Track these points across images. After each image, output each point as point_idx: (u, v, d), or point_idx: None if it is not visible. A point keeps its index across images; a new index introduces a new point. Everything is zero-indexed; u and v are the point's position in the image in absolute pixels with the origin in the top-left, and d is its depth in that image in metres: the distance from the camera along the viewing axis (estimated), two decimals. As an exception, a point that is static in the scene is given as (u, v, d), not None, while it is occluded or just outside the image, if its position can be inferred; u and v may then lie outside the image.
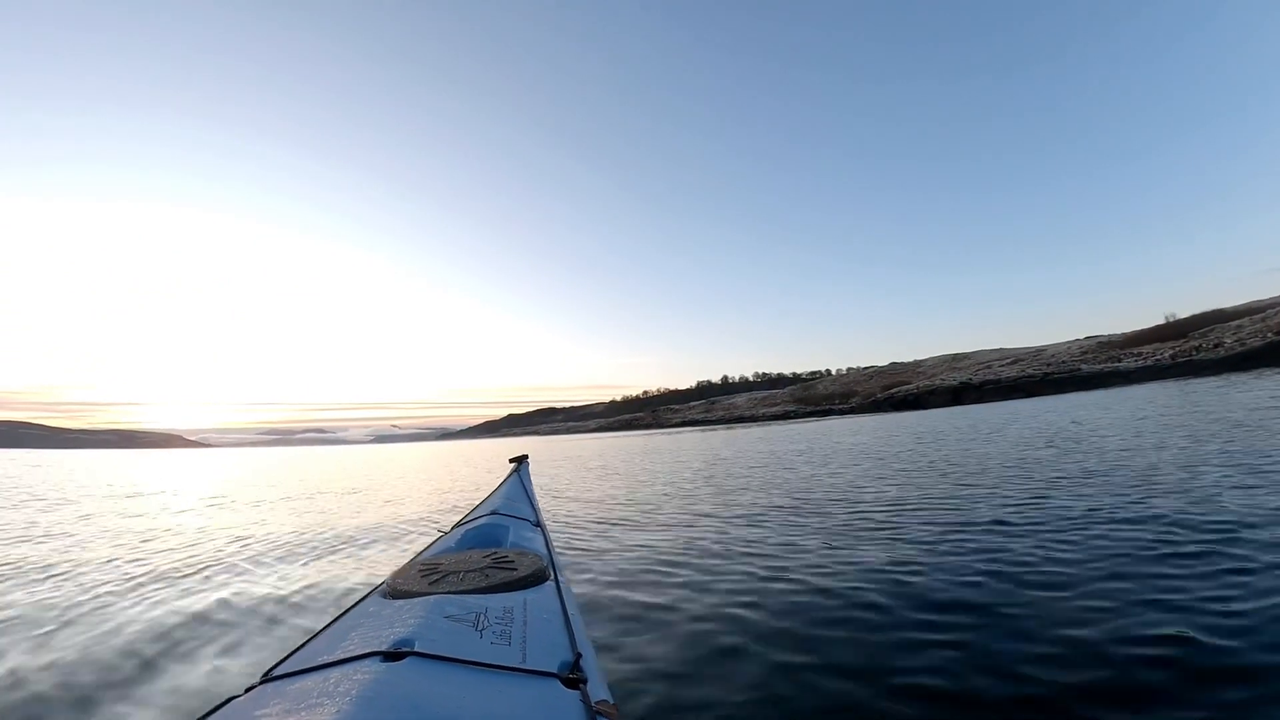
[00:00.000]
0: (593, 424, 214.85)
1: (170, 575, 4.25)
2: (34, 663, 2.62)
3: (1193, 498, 4.39)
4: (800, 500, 6.14)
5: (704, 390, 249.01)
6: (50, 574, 4.43)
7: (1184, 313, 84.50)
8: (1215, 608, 2.41)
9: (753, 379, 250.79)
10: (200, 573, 4.29)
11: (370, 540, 5.39)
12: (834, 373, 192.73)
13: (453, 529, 2.32)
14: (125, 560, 4.80)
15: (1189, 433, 8.88)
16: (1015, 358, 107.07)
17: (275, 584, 3.85)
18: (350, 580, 3.87)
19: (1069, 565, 3.11)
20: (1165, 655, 2.06)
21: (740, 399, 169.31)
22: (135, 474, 20.10)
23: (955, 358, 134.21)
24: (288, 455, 51.52)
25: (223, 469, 23.89)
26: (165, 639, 2.86)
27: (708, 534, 4.77)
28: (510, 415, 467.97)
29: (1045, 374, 78.00)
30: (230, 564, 4.58)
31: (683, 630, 2.64)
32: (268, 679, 1.03)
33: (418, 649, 1.02)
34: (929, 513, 4.84)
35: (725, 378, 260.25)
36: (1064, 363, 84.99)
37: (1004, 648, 2.23)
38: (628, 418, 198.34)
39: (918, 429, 19.33)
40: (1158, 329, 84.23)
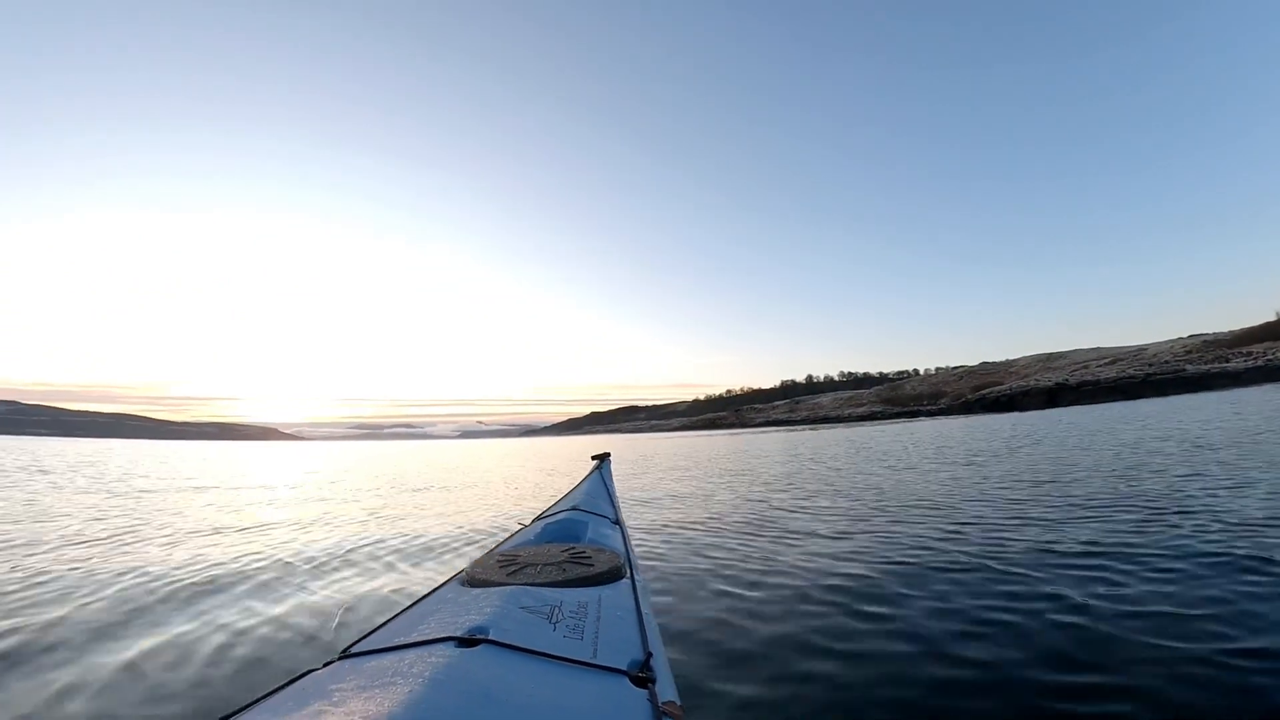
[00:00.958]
0: (675, 423, 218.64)
1: (264, 547, 4.69)
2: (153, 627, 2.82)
3: None
4: (907, 514, 5.38)
5: (788, 390, 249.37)
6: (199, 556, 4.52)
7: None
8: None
9: (837, 378, 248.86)
10: (294, 549, 4.58)
11: (452, 529, 5.56)
12: (921, 372, 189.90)
13: (533, 522, 2.34)
14: (230, 544, 5.00)
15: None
16: (1114, 357, 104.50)
17: (361, 565, 4.07)
18: (431, 568, 3.99)
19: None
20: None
21: (825, 399, 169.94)
22: (242, 464, 20.66)
23: (1049, 357, 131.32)
24: (379, 449, 52.15)
25: (319, 460, 24.79)
26: (255, 612, 3.04)
27: (789, 543, 4.48)
28: (593, 413, 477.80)
29: (1147, 375, 77.13)
30: (321, 543, 4.87)
31: (759, 639, 2.52)
32: (346, 655, 1.08)
33: (492, 637, 1.04)
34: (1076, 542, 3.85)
35: (809, 377, 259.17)
36: (1166, 363, 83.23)
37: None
38: (711, 417, 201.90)
39: (1031, 432, 17.71)
40: (1268, 326, 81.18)
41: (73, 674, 2.30)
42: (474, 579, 1.50)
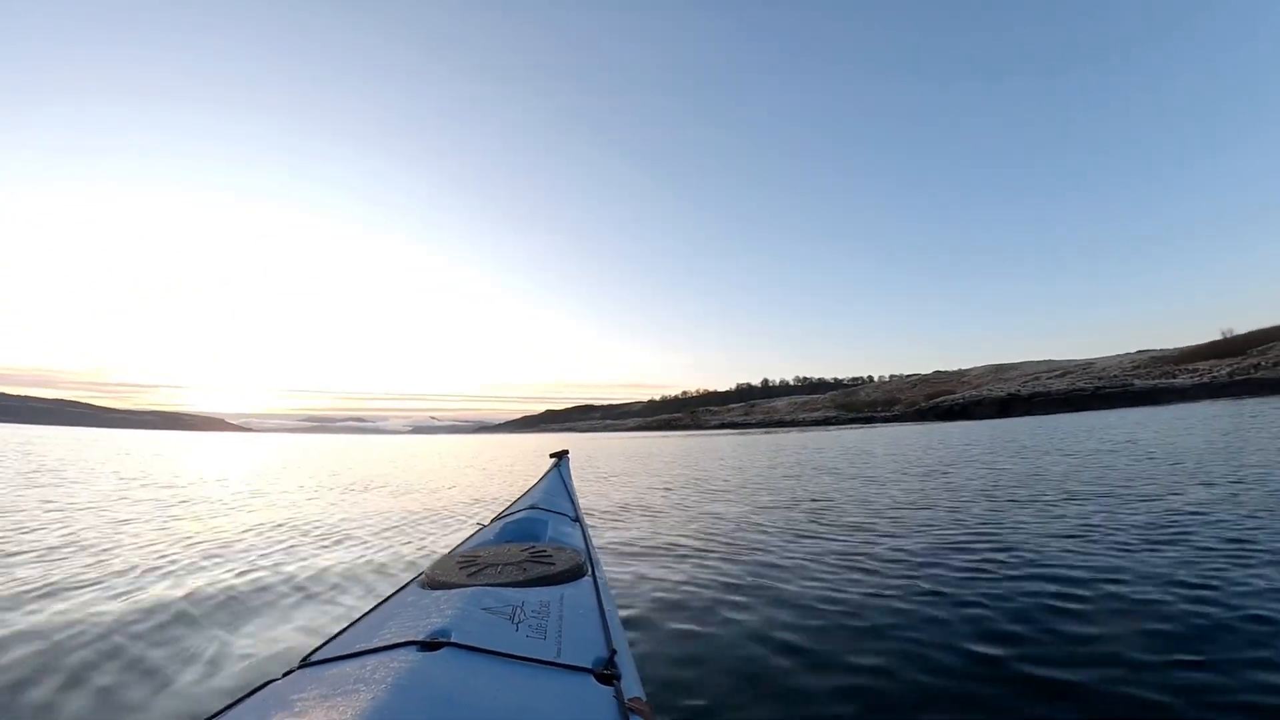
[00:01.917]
0: (630, 423, 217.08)
1: (215, 558, 4.31)
2: (70, 643, 2.63)
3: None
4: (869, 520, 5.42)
5: (743, 393, 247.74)
6: (99, 551, 4.49)
7: (1242, 328, 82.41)
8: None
9: (793, 383, 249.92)
10: (242, 558, 4.34)
11: (409, 531, 5.42)
12: (876, 379, 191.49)
13: (492, 522, 2.32)
14: (170, 544, 4.77)
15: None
16: (1064, 370, 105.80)
17: (316, 573, 3.86)
18: (389, 570, 3.92)
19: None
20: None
21: (780, 403, 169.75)
22: (181, 458, 19.58)
23: (1001, 368, 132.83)
24: (328, 443, 50.98)
25: (266, 454, 24.11)
26: (207, 621, 2.93)
27: (748, 536, 4.78)
28: (548, 411, 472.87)
29: (1096, 388, 77.17)
30: (271, 550, 4.59)
31: (721, 633, 2.64)
32: (306, 664, 1.06)
33: (454, 640, 1.03)
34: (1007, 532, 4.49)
35: (765, 381, 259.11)
36: (1115, 377, 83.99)
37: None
38: (666, 418, 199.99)
39: (996, 440, 17.85)
40: (1214, 345, 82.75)
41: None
42: (434, 581, 1.47)
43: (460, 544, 2.04)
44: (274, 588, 3.51)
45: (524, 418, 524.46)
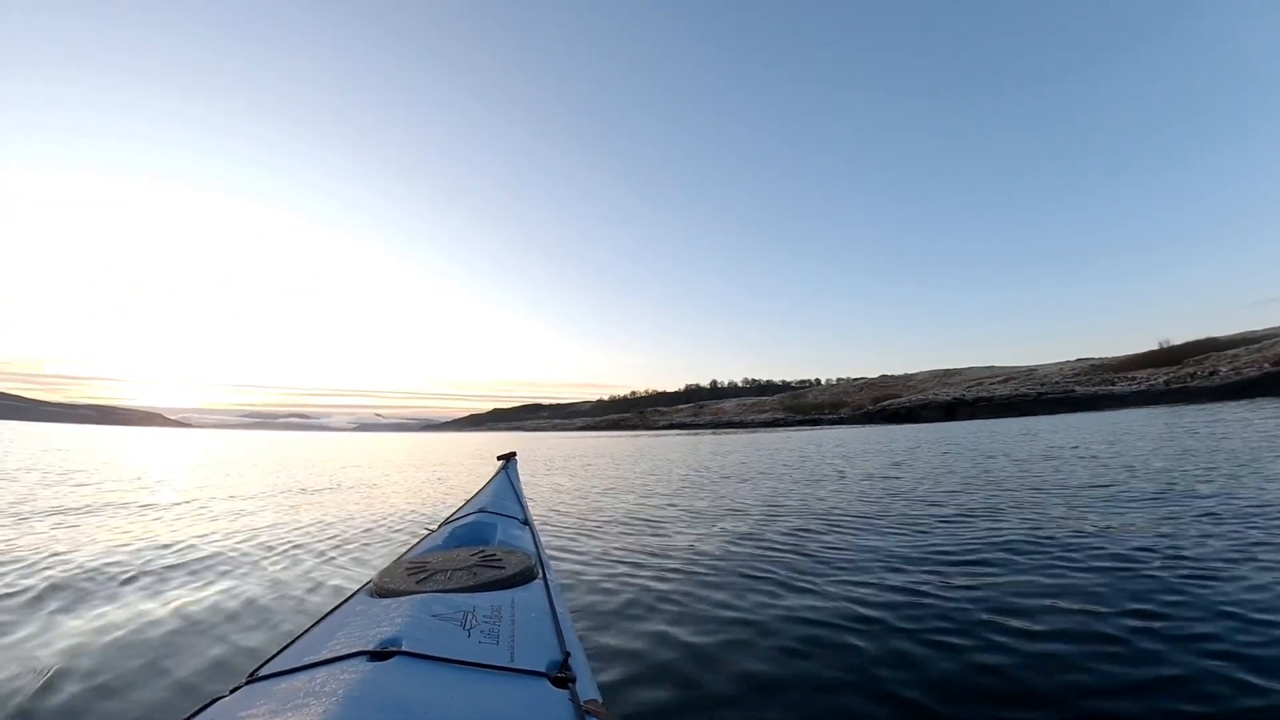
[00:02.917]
0: (579, 422, 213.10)
1: (151, 571, 3.91)
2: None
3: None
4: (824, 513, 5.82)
5: (692, 394, 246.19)
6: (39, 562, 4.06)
7: (1178, 339, 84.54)
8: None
9: (742, 384, 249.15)
10: (182, 568, 4.00)
11: (356, 537, 5.17)
12: (823, 382, 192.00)
13: (440, 527, 2.27)
14: (106, 553, 4.38)
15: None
16: (1007, 376, 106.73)
17: (258, 581, 3.66)
18: (336, 579, 3.75)
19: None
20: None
21: (729, 404, 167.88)
22: (118, 454, 18.56)
23: (946, 373, 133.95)
24: (269, 439, 50.78)
25: (204, 452, 22.81)
26: (146, 637, 2.69)
27: (694, 536, 4.85)
28: (495, 409, 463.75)
29: (1039, 394, 77.89)
30: (210, 559, 4.26)
31: (672, 631, 2.66)
32: (253, 679, 1.02)
33: (405, 648, 1.00)
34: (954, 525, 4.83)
35: (714, 382, 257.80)
36: (1057, 383, 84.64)
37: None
38: (614, 418, 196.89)
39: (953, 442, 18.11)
40: (1151, 354, 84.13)
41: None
42: (382, 589, 1.45)
43: (408, 550, 2.00)
44: (215, 602, 3.22)
45: (471, 416, 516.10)
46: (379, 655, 0.98)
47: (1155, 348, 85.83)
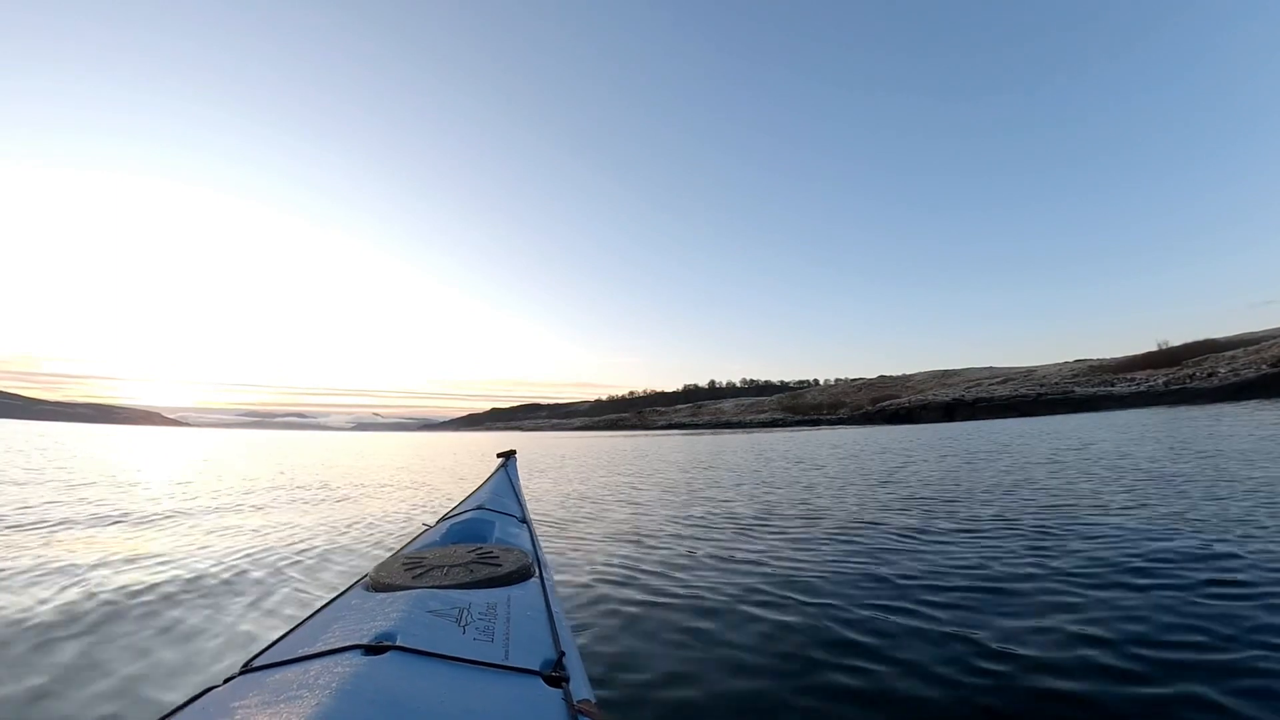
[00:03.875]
0: (577, 422, 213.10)
1: (149, 560, 3.97)
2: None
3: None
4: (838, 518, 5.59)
5: (691, 394, 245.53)
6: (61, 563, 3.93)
7: (1176, 340, 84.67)
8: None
9: (740, 385, 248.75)
10: (181, 560, 4.02)
11: (353, 532, 5.19)
12: (822, 382, 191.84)
13: (438, 523, 2.28)
14: (111, 549, 4.36)
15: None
16: (1006, 377, 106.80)
17: (253, 574, 3.68)
18: (332, 572, 3.77)
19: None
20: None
21: (727, 404, 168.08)
22: (118, 455, 18.47)
23: (945, 374, 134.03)
24: (268, 439, 50.68)
25: (203, 451, 22.79)
26: (145, 625, 2.72)
27: (693, 537, 4.83)
28: (494, 409, 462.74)
29: (1039, 395, 77.78)
30: (208, 552, 4.27)
31: (667, 633, 2.64)
32: (247, 670, 1.02)
33: (399, 643, 1.00)
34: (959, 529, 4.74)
35: (713, 382, 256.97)
36: (1056, 384, 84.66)
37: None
38: (613, 417, 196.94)
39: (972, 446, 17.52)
40: (1150, 355, 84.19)
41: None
42: (378, 583, 1.46)
43: (405, 545, 2.00)
44: (213, 592, 3.27)
45: (469, 415, 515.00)
46: (373, 649, 0.98)
47: (1154, 349, 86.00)
